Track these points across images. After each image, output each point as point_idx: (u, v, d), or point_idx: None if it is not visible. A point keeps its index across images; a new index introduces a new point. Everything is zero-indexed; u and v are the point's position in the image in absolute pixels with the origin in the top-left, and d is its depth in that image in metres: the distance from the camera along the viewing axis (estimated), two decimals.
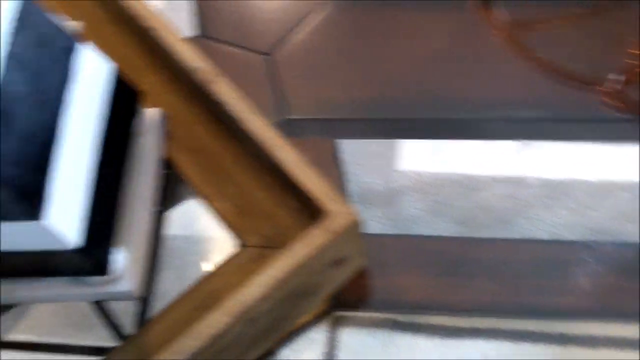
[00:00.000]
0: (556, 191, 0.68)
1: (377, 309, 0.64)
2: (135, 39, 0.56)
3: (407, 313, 0.63)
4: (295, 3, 0.80)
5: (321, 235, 0.45)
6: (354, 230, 0.46)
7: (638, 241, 0.65)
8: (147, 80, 0.54)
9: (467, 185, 0.70)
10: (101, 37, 0.57)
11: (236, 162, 0.49)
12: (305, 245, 0.44)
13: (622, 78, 0.71)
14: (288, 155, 0.47)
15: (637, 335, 0.60)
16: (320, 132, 0.72)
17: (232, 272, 0.48)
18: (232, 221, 0.49)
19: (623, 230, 0.65)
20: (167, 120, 0.52)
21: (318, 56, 0.77)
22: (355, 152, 0.72)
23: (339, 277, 0.50)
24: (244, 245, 0.48)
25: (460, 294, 0.64)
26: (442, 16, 0.78)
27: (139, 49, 0.56)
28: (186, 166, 0.51)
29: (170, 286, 0.55)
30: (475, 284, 0.64)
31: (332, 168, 0.71)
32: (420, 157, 0.72)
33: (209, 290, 0.47)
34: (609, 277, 0.63)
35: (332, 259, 0.47)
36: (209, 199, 0.50)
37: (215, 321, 0.42)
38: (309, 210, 0.47)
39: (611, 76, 0.72)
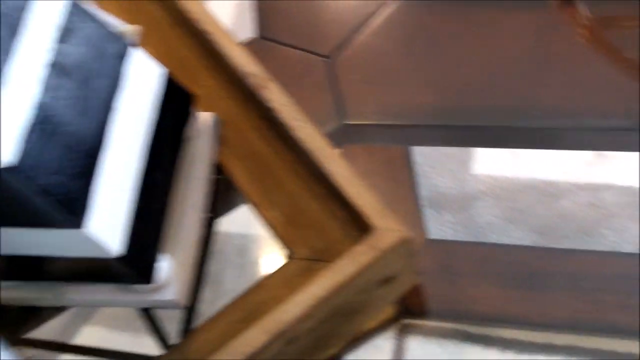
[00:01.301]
0: None
1: (446, 318, 0.62)
2: (194, 42, 0.56)
3: (478, 325, 0.60)
4: (358, 3, 0.77)
5: (367, 253, 0.42)
6: (403, 248, 0.43)
7: None
8: (204, 83, 0.53)
9: (547, 191, 0.66)
10: (162, 39, 0.57)
11: (288, 170, 0.48)
12: (350, 263, 0.42)
13: None
14: (337, 167, 0.45)
15: None
16: (383, 138, 0.70)
17: (278, 284, 0.46)
18: (281, 231, 0.48)
19: None
20: (220, 125, 0.52)
21: (382, 59, 0.74)
22: (427, 154, 0.70)
23: (388, 296, 0.47)
24: (292, 257, 0.47)
25: (536, 308, 0.61)
26: (519, 16, 0.74)
27: (198, 52, 0.55)
28: (237, 172, 0.50)
29: (218, 295, 0.54)
30: (552, 297, 0.61)
31: (402, 170, 0.69)
32: (497, 161, 0.69)
33: (255, 302, 0.46)
34: None
35: (380, 278, 0.45)
36: (258, 207, 0.49)
37: (253, 339, 0.41)
38: (360, 224, 0.45)
39: None
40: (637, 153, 0.65)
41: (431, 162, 0.70)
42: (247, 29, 0.73)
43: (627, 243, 0.62)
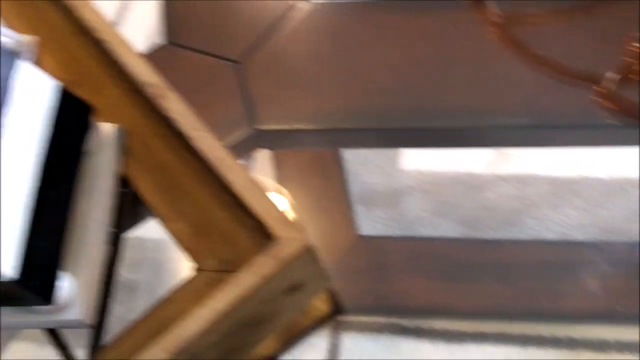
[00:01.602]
0: (564, 190, 0.64)
1: (379, 313, 0.62)
2: (96, 51, 0.55)
3: (410, 317, 0.61)
4: (268, 6, 0.77)
5: (268, 264, 0.42)
6: (306, 256, 0.43)
7: None
8: (108, 92, 0.52)
9: (472, 184, 0.67)
10: (65, 48, 0.56)
11: (194, 180, 0.47)
12: (251, 275, 0.42)
13: (618, 77, 0.66)
14: (238, 177, 0.45)
15: None
16: (295, 143, 0.70)
17: (187, 298, 0.46)
18: (188, 243, 0.47)
19: (635, 229, 0.61)
20: (125, 135, 0.51)
21: (292, 63, 0.74)
22: (356, 152, 0.70)
23: (297, 304, 0.47)
24: (200, 269, 0.47)
25: (465, 298, 0.62)
26: (431, 16, 0.74)
27: (100, 61, 0.54)
28: (142, 184, 0.49)
29: (126, 312, 0.54)
30: (480, 287, 0.62)
31: (332, 169, 0.69)
32: (424, 156, 0.69)
33: (164, 317, 0.45)
34: (619, 278, 0.59)
35: (285, 287, 0.45)
36: (165, 220, 0.49)
37: (153, 357, 0.41)
38: (267, 233, 0.45)
39: (608, 75, 0.67)
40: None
41: (360, 159, 0.71)
42: (151, 35, 0.72)
43: (548, 231, 0.63)
